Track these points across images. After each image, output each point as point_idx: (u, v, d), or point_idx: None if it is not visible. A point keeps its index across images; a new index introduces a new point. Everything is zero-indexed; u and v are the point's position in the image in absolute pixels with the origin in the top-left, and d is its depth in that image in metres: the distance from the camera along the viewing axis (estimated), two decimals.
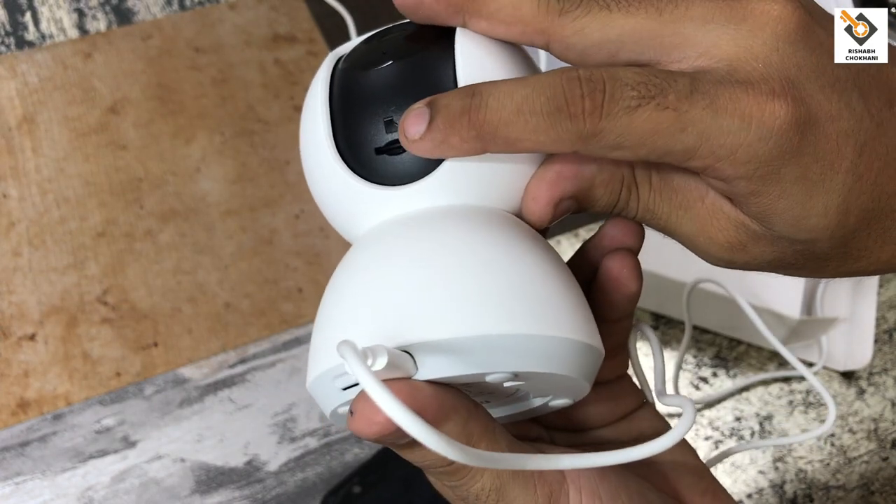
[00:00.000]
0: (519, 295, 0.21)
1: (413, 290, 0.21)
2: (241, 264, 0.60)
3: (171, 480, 0.51)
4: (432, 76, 0.23)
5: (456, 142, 0.21)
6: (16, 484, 0.51)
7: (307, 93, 0.27)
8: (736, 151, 0.20)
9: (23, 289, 0.58)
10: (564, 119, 0.20)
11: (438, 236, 0.22)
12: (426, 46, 0.24)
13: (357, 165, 0.24)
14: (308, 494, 0.51)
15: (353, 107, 0.24)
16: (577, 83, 0.20)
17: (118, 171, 0.64)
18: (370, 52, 0.25)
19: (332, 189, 0.25)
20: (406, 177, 0.23)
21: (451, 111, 0.21)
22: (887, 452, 0.54)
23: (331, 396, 0.22)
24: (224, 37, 0.73)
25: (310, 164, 0.26)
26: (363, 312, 0.21)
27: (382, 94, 0.24)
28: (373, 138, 0.24)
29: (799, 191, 0.20)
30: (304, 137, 0.26)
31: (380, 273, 0.22)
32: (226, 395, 0.54)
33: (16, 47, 0.70)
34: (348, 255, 0.24)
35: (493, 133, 0.21)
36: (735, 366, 0.57)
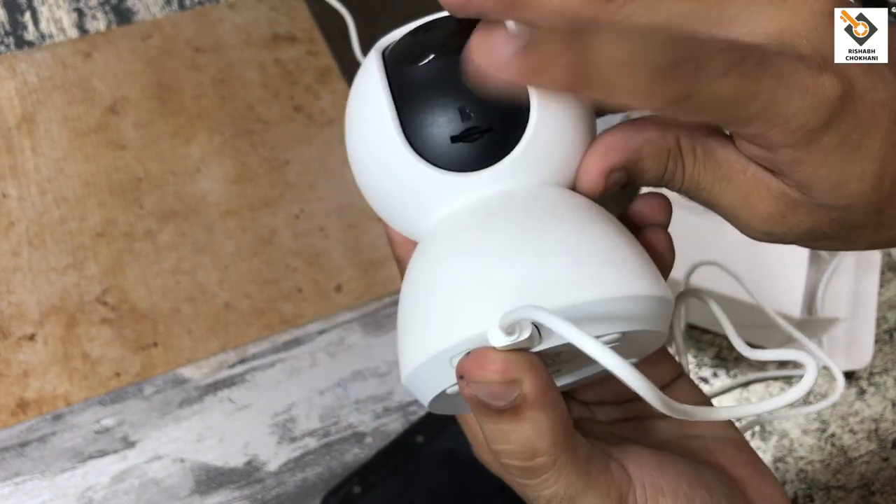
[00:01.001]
0: (626, 258, 0.23)
1: (531, 261, 0.22)
2: (240, 264, 0.60)
3: (170, 481, 0.51)
4: None
5: (555, 71, 0.20)
6: (15, 484, 0.51)
7: (357, 88, 0.27)
8: (791, 119, 0.21)
9: (22, 289, 0.58)
10: (669, 78, 0.20)
11: (536, 212, 0.23)
12: None
13: (431, 155, 0.25)
14: (308, 494, 0.51)
15: (424, 97, 0.25)
16: (684, 44, 0.20)
17: (118, 170, 0.64)
18: (428, 44, 0.26)
19: (403, 180, 0.25)
20: (480, 162, 0.25)
21: (552, 43, 0.20)
22: (888, 453, 0.54)
23: (441, 379, 0.23)
24: (224, 37, 0.72)
25: (371, 158, 0.26)
26: (480, 289, 0.22)
27: (455, 83, 0.24)
28: (448, 127, 0.24)
29: (839, 157, 0.21)
30: (361, 131, 0.26)
31: (489, 249, 0.23)
32: (225, 396, 0.54)
33: (15, 47, 0.70)
34: (432, 242, 0.25)
35: (598, 75, 0.20)
36: (735, 366, 0.57)
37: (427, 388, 0.24)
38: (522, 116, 0.25)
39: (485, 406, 0.21)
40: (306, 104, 0.69)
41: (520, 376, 0.21)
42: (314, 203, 0.63)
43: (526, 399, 0.21)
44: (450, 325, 0.22)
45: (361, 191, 0.28)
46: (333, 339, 0.57)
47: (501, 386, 0.21)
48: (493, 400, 0.21)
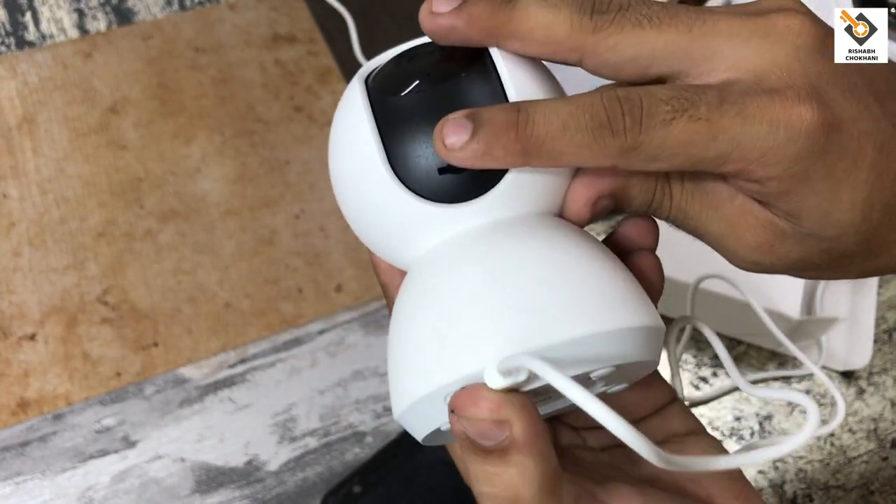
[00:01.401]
0: (617, 289, 0.23)
1: (525, 297, 0.22)
2: (241, 264, 0.60)
3: (171, 480, 0.51)
4: (484, 93, 0.25)
5: (499, 154, 0.22)
6: (16, 484, 0.51)
7: (340, 117, 0.27)
8: (766, 154, 0.21)
9: (23, 289, 0.58)
10: (607, 135, 0.21)
11: (528, 244, 0.23)
12: (469, 65, 0.25)
13: (418, 186, 0.24)
14: (308, 494, 0.51)
15: (410, 128, 0.24)
16: (616, 102, 0.21)
17: (118, 171, 0.64)
18: (412, 72, 0.25)
19: (389, 211, 0.25)
20: (468, 193, 0.24)
21: (497, 124, 0.22)
22: (887, 452, 0.54)
23: (436, 415, 0.23)
24: (224, 37, 0.73)
25: (356, 189, 0.26)
26: (477, 326, 0.22)
27: (442, 113, 0.24)
28: (435, 158, 0.24)
29: (827, 187, 0.22)
30: (346, 161, 0.26)
31: (483, 285, 0.22)
32: (226, 395, 0.54)
33: (16, 47, 0.70)
34: (422, 276, 0.24)
35: (539, 147, 0.22)
36: (735, 365, 0.57)
37: (422, 425, 0.24)
38: None
39: (473, 444, 0.21)
40: (306, 104, 0.69)
41: (511, 418, 0.20)
42: (314, 203, 0.63)
43: (515, 442, 0.21)
44: (447, 362, 0.22)
45: (346, 219, 0.28)
46: (333, 339, 0.57)
47: (491, 425, 0.21)
48: (482, 439, 0.21)
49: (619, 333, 0.22)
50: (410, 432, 0.25)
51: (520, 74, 0.25)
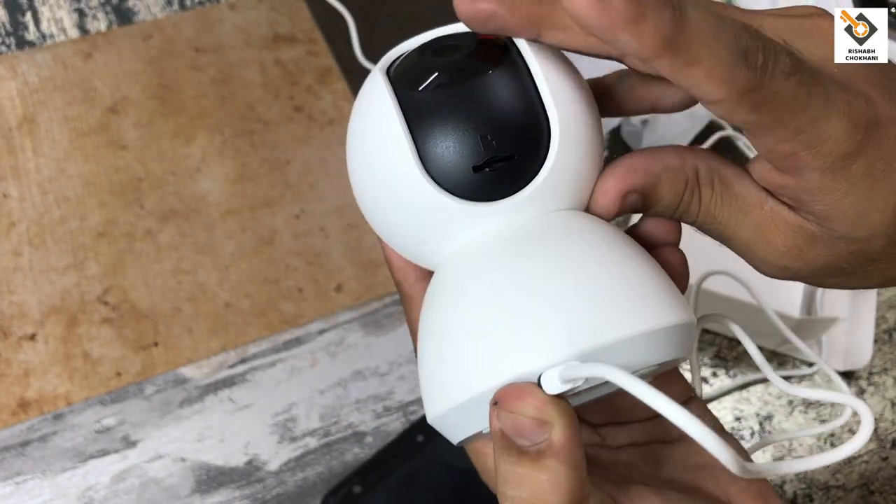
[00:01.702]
0: (658, 287, 0.23)
1: (572, 297, 0.22)
2: (241, 264, 0.60)
3: (171, 480, 0.51)
4: (516, 89, 0.24)
5: (647, 30, 0.19)
6: (16, 484, 0.51)
7: (363, 113, 0.26)
8: (826, 142, 0.21)
9: (23, 289, 0.58)
10: (742, 64, 0.20)
11: (567, 242, 0.23)
12: (498, 60, 0.25)
13: (451, 185, 0.24)
14: (308, 494, 0.51)
15: (442, 124, 0.24)
16: (756, 37, 0.20)
17: (118, 171, 0.64)
18: (441, 66, 0.25)
19: (420, 210, 0.24)
20: (502, 191, 0.24)
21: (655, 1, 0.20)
22: (887, 452, 0.54)
23: (479, 419, 0.22)
24: (224, 37, 0.73)
25: (384, 186, 0.25)
26: (527, 327, 0.21)
27: (475, 109, 0.23)
28: (469, 156, 0.23)
29: (864, 186, 0.22)
30: (371, 158, 0.25)
31: (528, 284, 0.22)
32: (226, 395, 0.54)
33: (16, 47, 0.70)
34: (457, 275, 0.24)
35: (686, 44, 0.20)
36: (735, 365, 0.57)
37: (462, 428, 0.23)
38: (543, 141, 0.24)
39: (509, 443, 0.21)
40: (306, 104, 0.69)
41: (553, 420, 0.20)
42: (314, 203, 0.63)
43: (552, 446, 0.20)
44: (496, 364, 0.21)
45: (367, 216, 0.27)
46: (334, 339, 0.57)
47: (533, 423, 0.20)
48: (520, 437, 0.21)
49: (665, 332, 0.22)
50: (444, 434, 0.24)
51: (552, 70, 0.24)
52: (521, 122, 0.24)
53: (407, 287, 0.29)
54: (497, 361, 0.21)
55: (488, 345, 0.22)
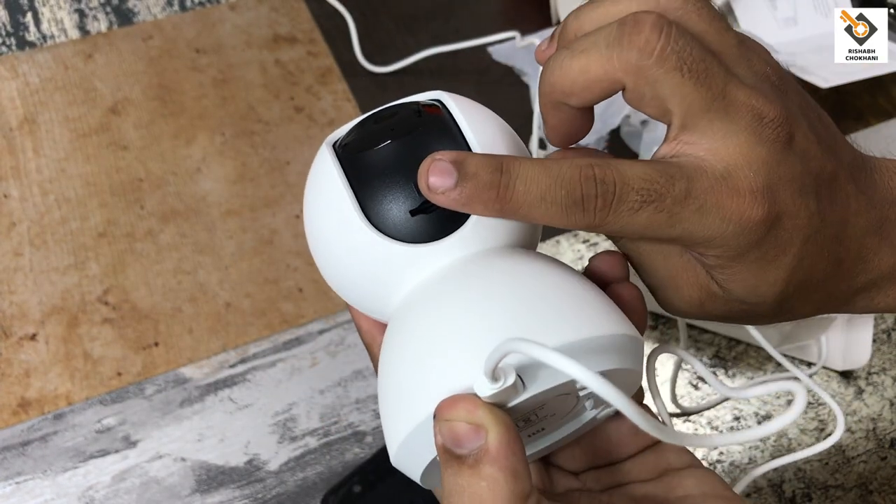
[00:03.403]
0: (594, 303, 0.24)
1: (508, 313, 0.23)
2: (241, 264, 0.60)
3: (171, 480, 0.51)
4: (444, 139, 0.27)
5: (478, 208, 0.24)
6: (17, 483, 0.51)
7: (313, 181, 0.28)
8: (713, 240, 0.24)
9: (24, 289, 0.58)
10: (578, 212, 0.23)
11: (503, 268, 0.25)
12: (427, 119, 0.27)
13: (393, 231, 0.26)
14: (308, 494, 0.51)
15: (379, 178, 0.26)
16: (592, 182, 0.23)
17: (119, 171, 0.64)
18: (377, 131, 0.27)
19: (368, 259, 0.26)
20: (440, 231, 0.26)
21: (480, 182, 0.24)
22: (886, 452, 0.54)
23: (428, 448, 0.23)
24: (224, 37, 0.73)
25: (335, 244, 0.27)
26: (461, 345, 0.22)
27: (406, 162, 0.26)
28: (406, 202, 0.26)
29: (757, 267, 0.25)
30: (322, 221, 0.27)
31: (465, 308, 0.23)
32: (226, 395, 0.55)
33: (17, 48, 0.70)
34: (404, 316, 0.25)
35: (515, 210, 0.24)
36: (734, 365, 0.57)
37: (417, 460, 0.24)
38: None
39: (450, 455, 0.21)
40: (307, 105, 0.69)
41: (486, 424, 0.21)
42: None
43: (489, 452, 0.21)
44: (434, 385, 0.22)
45: (328, 281, 0.29)
46: (334, 339, 0.57)
47: (468, 429, 0.21)
48: (458, 446, 0.21)
49: (599, 340, 0.23)
50: (408, 474, 0.25)
51: (476, 119, 0.27)
52: None
53: (375, 348, 0.30)
54: (434, 382, 0.22)
55: (426, 370, 0.23)
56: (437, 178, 0.24)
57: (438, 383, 0.22)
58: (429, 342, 0.23)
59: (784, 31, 0.70)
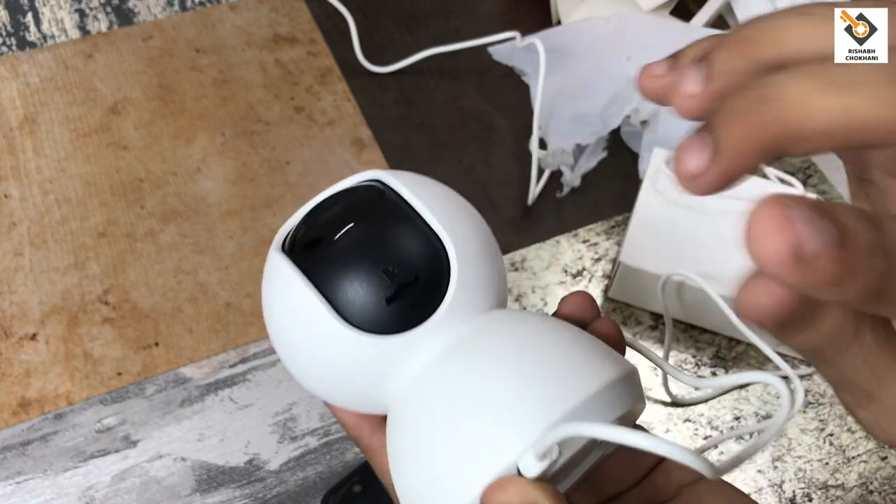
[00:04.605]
0: (594, 348, 0.24)
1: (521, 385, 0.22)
2: (241, 264, 0.60)
3: (171, 480, 0.51)
4: (399, 219, 0.25)
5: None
6: (17, 483, 0.51)
7: (271, 294, 0.27)
8: None
9: (24, 288, 0.58)
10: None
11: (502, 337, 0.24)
12: (373, 203, 0.26)
13: (372, 326, 0.24)
14: (308, 493, 0.51)
15: (343, 273, 0.25)
16: None
17: (119, 171, 0.64)
18: (326, 225, 0.26)
19: (356, 361, 0.25)
20: (421, 313, 0.25)
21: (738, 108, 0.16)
22: (886, 451, 0.54)
23: None
24: (225, 37, 0.73)
25: (313, 353, 0.25)
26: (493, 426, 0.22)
27: (366, 249, 0.25)
28: (380, 291, 0.24)
29: None
30: (292, 331, 0.26)
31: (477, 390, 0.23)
32: (226, 395, 0.55)
33: (17, 48, 0.70)
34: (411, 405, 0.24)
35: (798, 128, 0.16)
36: (734, 365, 0.57)
37: None
38: (441, 254, 0.25)
39: None
40: (307, 105, 0.69)
41: (540, 502, 0.20)
42: None
43: None
44: (474, 470, 0.22)
45: (308, 387, 0.27)
46: None
47: None
48: None
49: (612, 386, 0.23)
50: None
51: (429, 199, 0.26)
52: (413, 245, 0.25)
53: (365, 441, 0.29)
54: (473, 467, 0.22)
55: (461, 456, 0.22)
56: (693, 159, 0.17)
57: (478, 467, 0.21)
58: (455, 428, 0.22)
59: None
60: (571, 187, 0.64)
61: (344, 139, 0.67)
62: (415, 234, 0.25)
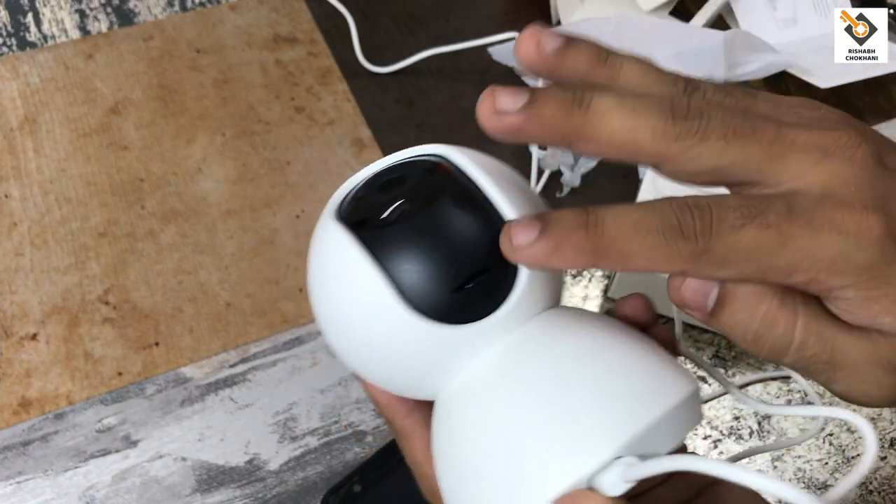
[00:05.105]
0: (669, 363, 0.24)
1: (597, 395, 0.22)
2: (241, 264, 0.60)
3: (172, 479, 0.52)
4: (472, 205, 0.25)
5: (569, 253, 0.21)
6: (17, 483, 0.51)
7: (326, 262, 0.26)
8: (836, 262, 0.21)
9: (24, 288, 0.58)
10: (678, 237, 0.21)
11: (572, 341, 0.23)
12: (445, 182, 0.25)
13: (436, 313, 0.24)
14: (309, 493, 0.52)
15: (413, 256, 0.24)
16: (686, 208, 0.21)
17: (119, 171, 0.64)
18: (392, 201, 0.25)
19: (415, 347, 0.24)
20: (489, 304, 0.24)
21: (567, 224, 0.21)
22: (885, 451, 0.55)
23: None
24: (225, 38, 0.73)
25: (367, 333, 0.25)
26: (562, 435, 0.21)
27: (439, 235, 0.24)
28: (448, 280, 0.24)
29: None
30: (345, 307, 0.25)
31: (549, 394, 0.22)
32: (227, 395, 0.55)
33: (18, 48, 0.70)
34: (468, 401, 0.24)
35: (610, 247, 0.21)
36: (734, 365, 0.57)
37: None
38: None
39: None
40: (307, 105, 0.69)
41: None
42: (315, 203, 0.63)
43: None
44: (544, 478, 0.21)
45: (346, 361, 0.26)
46: None
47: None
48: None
49: (684, 403, 0.22)
50: None
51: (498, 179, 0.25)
52: (486, 234, 0.24)
53: (399, 422, 0.28)
54: (545, 475, 0.21)
55: (531, 463, 0.21)
56: (520, 235, 0.21)
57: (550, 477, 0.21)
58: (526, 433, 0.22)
59: (784, 31, 0.70)
60: (571, 187, 0.64)
61: (344, 139, 0.67)
62: (488, 222, 0.24)
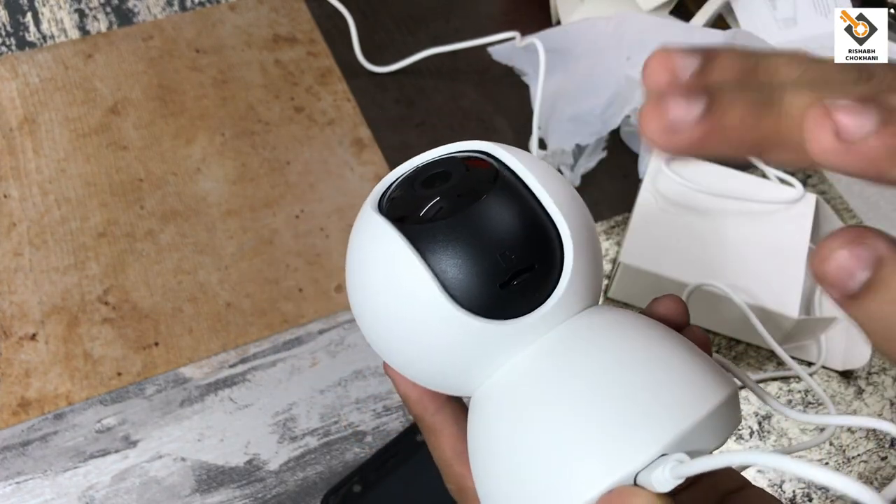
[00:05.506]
0: (710, 363, 0.23)
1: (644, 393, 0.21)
2: (241, 264, 0.60)
3: (171, 480, 0.51)
4: (518, 202, 0.25)
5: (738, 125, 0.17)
6: (17, 483, 0.51)
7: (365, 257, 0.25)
8: None
9: (24, 289, 0.58)
10: None
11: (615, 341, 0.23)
12: (490, 178, 0.25)
13: (480, 308, 0.24)
14: (308, 493, 0.51)
15: (460, 252, 0.24)
16: None
17: (119, 171, 0.64)
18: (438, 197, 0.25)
19: (458, 341, 0.24)
20: (531, 303, 0.24)
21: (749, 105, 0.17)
22: (886, 451, 0.54)
23: None
24: (225, 38, 0.73)
25: (412, 326, 0.25)
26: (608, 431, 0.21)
27: (489, 231, 0.24)
28: (494, 275, 0.24)
29: None
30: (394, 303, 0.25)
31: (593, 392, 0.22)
32: (226, 395, 0.55)
33: (17, 48, 0.70)
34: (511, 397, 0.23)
35: None
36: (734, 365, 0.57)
37: None
38: (556, 245, 0.25)
39: None
40: (307, 105, 0.69)
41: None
42: (314, 203, 0.63)
43: None
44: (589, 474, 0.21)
45: (383, 353, 0.26)
46: (334, 339, 0.57)
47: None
48: None
49: (727, 403, 0.22)
50: None
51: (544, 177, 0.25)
52: (533, 231, 0.24)
53: (429, 419, 0.28)
54: (592, 470, 0.21)
55: (576, 458, 0.21)
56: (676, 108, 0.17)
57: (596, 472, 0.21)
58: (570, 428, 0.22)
59: (784, 31, 0.70)
60: None
61: (344, 139, 0.67)
62: (534, 219, 0.24)
